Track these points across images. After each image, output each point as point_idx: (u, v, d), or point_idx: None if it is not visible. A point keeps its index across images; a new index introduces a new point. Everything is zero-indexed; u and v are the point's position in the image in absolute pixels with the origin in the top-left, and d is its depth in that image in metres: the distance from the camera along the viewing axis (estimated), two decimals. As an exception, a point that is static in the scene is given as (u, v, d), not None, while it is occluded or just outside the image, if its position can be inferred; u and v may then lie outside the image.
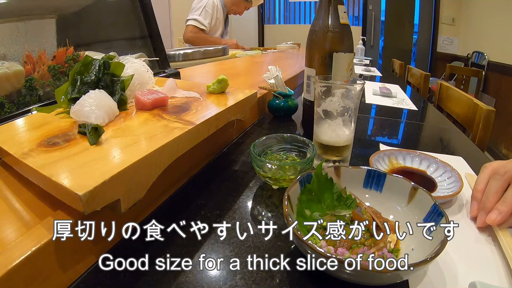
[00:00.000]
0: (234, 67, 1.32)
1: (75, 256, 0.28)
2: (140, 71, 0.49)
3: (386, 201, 0.36)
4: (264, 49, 2.50)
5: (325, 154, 0.46)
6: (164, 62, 0.77)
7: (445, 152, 0.57)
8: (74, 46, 0.54)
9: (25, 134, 0.36)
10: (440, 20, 3.50)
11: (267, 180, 0.42)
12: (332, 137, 0.45)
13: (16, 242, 0.24)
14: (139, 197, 0.30)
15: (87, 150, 0.31)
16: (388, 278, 0.25)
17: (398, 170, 0.47)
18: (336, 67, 0.54)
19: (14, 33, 0.48)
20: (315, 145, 0.44)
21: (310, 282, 0.28)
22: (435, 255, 0.24)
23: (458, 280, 0.29)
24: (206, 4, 1.95)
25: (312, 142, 0.45)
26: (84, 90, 0.40)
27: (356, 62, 2.12)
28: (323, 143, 0.46)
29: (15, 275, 0.22)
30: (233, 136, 0.62)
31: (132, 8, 0.71)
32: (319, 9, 0.55)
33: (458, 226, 0.28)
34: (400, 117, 0.85)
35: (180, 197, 0.42)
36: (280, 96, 0.73)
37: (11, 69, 0.45)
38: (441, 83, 1.32)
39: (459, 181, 0.41)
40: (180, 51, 1.37)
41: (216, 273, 0.29)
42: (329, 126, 0.45)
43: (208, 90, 0.53)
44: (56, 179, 0.25)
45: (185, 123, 0.38)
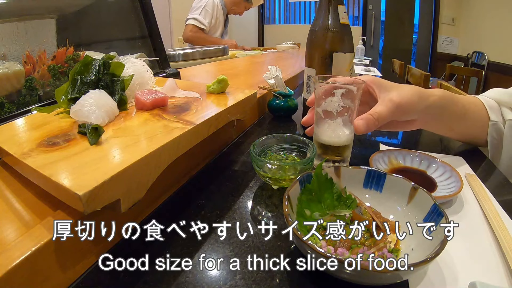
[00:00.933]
0: (234, 67, 1.32)
1: (75, 256, 0.28)
2: (140, 71, 0.49)
3: (386, 201, 0.36)
4: (264, 49, 2.50)
5: (325, 154, 0.46)
6: (164, 62, 0.77)
7: (445, 152, 0.57)
8: (74, 46, 0.54)
9: (25, 134, 0.36)
10: (440, 20, 3.50)
11: (267, 180, 0.42)
12: (332, 137, 0.45)
13: (16, 242, 0.24)
14: (139, 197, 0.30)
15: (87, 150, 0.31)
16: (388, 278, 0.25)
17: (398, 170, 0.47)
18: (336, 67, 0.54)
19: (14, 33, 0.48)
20: (315, 145, 0.44)
21: (310, 282, 0.28)
22: (435, 255, 0.24)
23: (458, 280, 0.28)
24: (206, 3, 1.96)
25: (312, 142, 0.45)
26: (84, 90, 0.40)
27: (356, 62, 2.12)
28: (323, 143, 0.46)
29: (15, 275, 0.22)
30: (233, 136, 0.62)
31: (132, 8, 0.71)
32: (319, 9, 0.55)
33: (458, 226, 0.28)
34: (400, 117, 0.85)
35: (180, 197, 0.42)
36: (280, 96, 0.73)
37: (11, 69, 0.45)
38: (441, 83, 1.32)
39: (459, 181, 0.41)
40: (180, 51, 1.38)
41: (216, 273, 0.29)
42: (329, 126, 0.45)
43: (208, 90, 0.53)
44: (56, 179, 0.25)
45: (185, 123, 0.38)
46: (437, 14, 3.51)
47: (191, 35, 2.00)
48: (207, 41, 1.98)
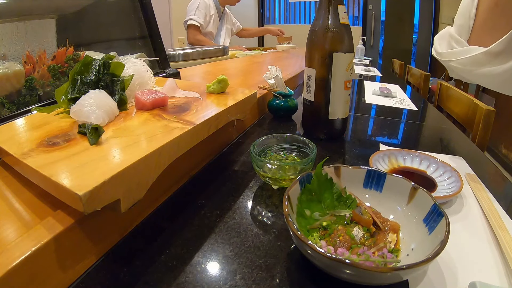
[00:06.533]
0: (234, 67, 1.32)
1: (75, 256, 0.28)
2: (140, 71, 0.49)
3: (386, 201, 0.36)
4: (264, 49, 2.51)
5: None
6: (164, 62, 0.77)
7: (445, 152, 0.57)
8: (74, 46, 0.54)
9: (25, 134, 0.36)
10: (440, 20, 3.50)
11: (267, 180, 0.42)
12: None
13: (16, 242, 0.24)
14: (139, 197, 0.30)
15: (87, 150, 0.31)
16: (388, 278, 0.25)
17: (398, 170, 0.47)
18: (336, 67, 0.54)
19: (14, 33, 0.48)
20: (315, 145, 0.44)
21: (310, 282, 0.28)
22: (435, 255, 0.24)
23: (458, 280, 0.29)
24: (198, 5, 2.14)
25: (312, 142, 0.45)
26: (84, 90, 0.40)
27: (356, 62, 2.12)
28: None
29: (15, 275, 0.22)
30: (233, 136, 0.62)
31: (132, 8, 0.71)
32: (319, 9, 0.55)
33: (458, 226, 0.28)
34: (400, 117, 0.85)
35: (180, 197, 0.42)
36: (280, 96, 0.73)
37: (11, 69, 0.45)
38: (441, 83, 1.32)
39: (459, 181, 0.41)
40: (180, 51, 1.37)
41: (216, 273, 0.29)
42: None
43: (208, 90, 0.53)
44: (56, 179, 0.25)
45: (185, 123, 0.38)
46: (437, 14, 3.51)
47: (197, 39, 2.14)
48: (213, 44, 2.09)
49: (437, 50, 0.48)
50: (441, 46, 0.47)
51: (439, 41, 0.48)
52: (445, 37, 0.47)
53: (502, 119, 2.28)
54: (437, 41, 0.49)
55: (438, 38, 0.49)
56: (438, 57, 0.48)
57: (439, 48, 0.48)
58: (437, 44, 0.49)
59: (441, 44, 0.47)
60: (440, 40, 0.48)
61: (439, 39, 0.49)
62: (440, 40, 0.48)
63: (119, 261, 0.30)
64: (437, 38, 0.49)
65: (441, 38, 0.48)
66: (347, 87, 0.56)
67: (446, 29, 0.47)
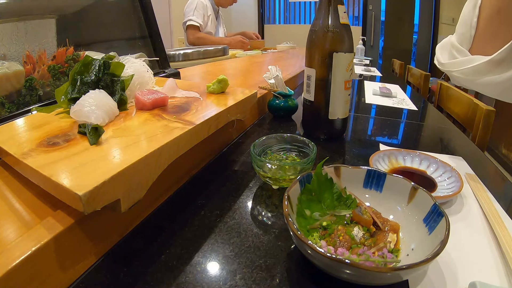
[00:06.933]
0: (234, 67, 1.32)
1: (75, 256, 0.28)
2: (140, 71, 0.49)
3: (386, 201, 0.36)
4: (264, 49, 2.50)
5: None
6: (164, 62, 0.77)
7: (445, 152, 0.57)
8: (74, 46, 0.54)
9: (25, 134, 0.36)
10: (440, 20, 3.50)
11: (267, 180, 0.42)
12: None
13: (16, 242, 0.24)
14: (139, 197, 0.30)
15: (87, 150, 0.31)
16: (388, 278, 0.25)
17: (398, 170, 0.47)
18: (336, 67, 0.54)
19: (14, 33, 0.48)
20: (315, 145, 0.44)
21: (310, 282, 0.28)
22: (435, 255, 0.24)
23: (458, 280, 0.29)
24: (196, 6, 2.16)
25: (312, 142, 0.45)
26: (84, 90, 0.40)
27: (356, 62, 2.12)
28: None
29: (15, 275, 0.22)
30: (233, 136, 0.62)
31: (132, 8, 0.71)
32: (319, 9, 0.55)
33: (458, 226, 0.28)
34: (400, 117, 0.85)
35: (180, 197, 0.42)
36: (280, 96, 0.73)
37: (11, 69, 0.45)
38: (441, 83, 1.32)
39: (459, 181, 0.41)
40: (180, 51, 1.38)
41: (216, 273, 0.29)
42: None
43: (208, 90, 0.53)
44: (56, 179, 0.25)
45: (185, 123, 0.38)
46: (437, 14, 3.51)
47: (197, 38, 2.15)
48: (212, 42, 2.11)
49: (439, 61, 0.48)
50: (443, 56, 0.47)
51: (441, 51, 0.48)
52: (447, 47, 0.47)
53: (502, 119, 2.28)
54: (439, 50, 0.49)
55: (439, 47, 0.49)
56: (441, 67, 0.48)
57: (441, 58, 0.48)
58: (439, 54, 0.49)
59: (443, 53, 0.48)
60: (442, 50, 0.48)
61: (440, 48, 0.49)
62: (442, 49, 0.48)
63: (119, 261, 0.30)
64: (438, 47, 0.50)
65: (442, 48, 0.48)
66: (347, 87, 0.56)
67: (448, 38, 0.48)
